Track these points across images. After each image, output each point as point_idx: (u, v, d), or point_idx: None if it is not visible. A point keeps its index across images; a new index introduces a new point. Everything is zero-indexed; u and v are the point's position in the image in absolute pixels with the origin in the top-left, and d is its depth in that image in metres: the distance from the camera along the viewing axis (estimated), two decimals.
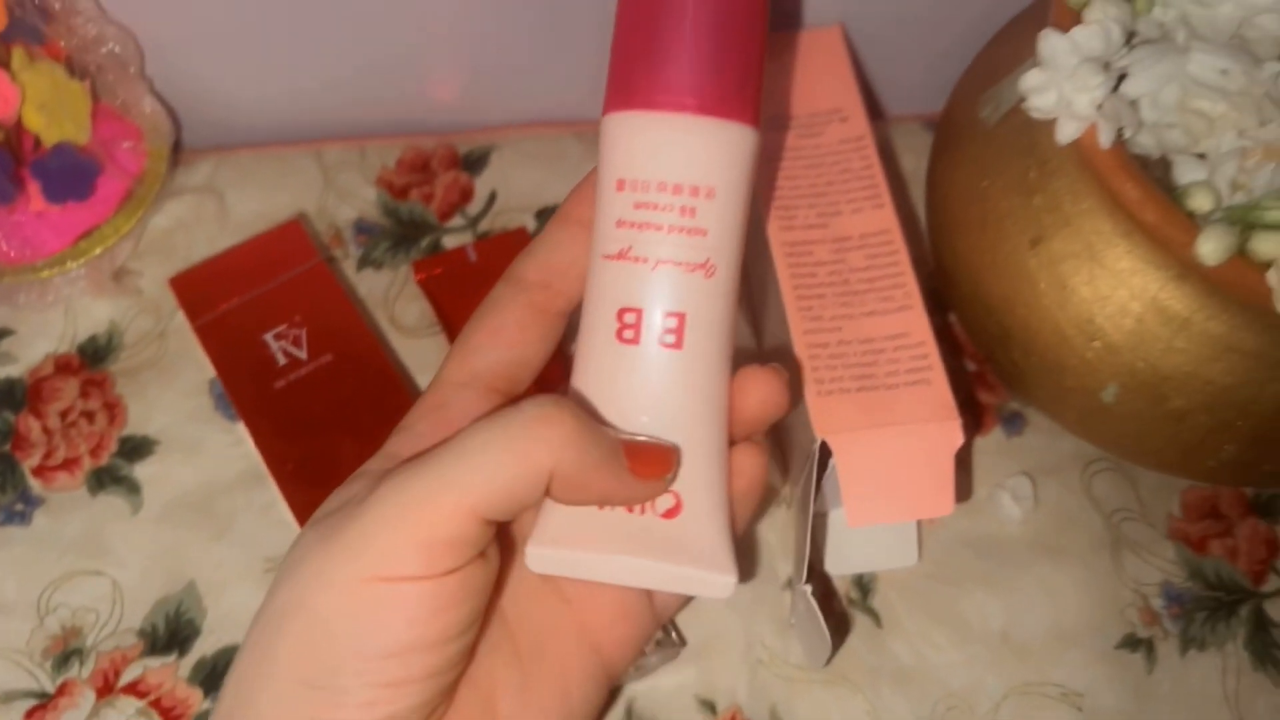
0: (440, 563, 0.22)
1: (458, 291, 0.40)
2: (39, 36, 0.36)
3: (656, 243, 0.25)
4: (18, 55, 0.36)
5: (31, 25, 0.36)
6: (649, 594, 0.28)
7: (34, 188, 0.36)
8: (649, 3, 0.25)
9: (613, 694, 0.34)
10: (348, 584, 0.22)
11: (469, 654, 0.24)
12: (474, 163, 0.45)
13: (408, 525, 0.22)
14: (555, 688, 0.26)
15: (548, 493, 0.23)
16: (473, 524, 0.22)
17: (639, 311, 0.25)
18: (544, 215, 0.44)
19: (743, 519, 0.27)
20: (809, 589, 0.31)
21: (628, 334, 0.25)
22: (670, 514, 0.25)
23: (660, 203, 0.25)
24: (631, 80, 0.26)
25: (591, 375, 0.26)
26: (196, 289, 0.38)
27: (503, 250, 0.41)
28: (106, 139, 0.38)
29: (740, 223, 0.26)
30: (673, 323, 0.25)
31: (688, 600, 0.30)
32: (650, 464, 0.24)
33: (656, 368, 0.25)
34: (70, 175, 0.36)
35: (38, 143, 0.37)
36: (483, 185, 0.44)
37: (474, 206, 0.44)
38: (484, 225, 0.43)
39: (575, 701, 0.26)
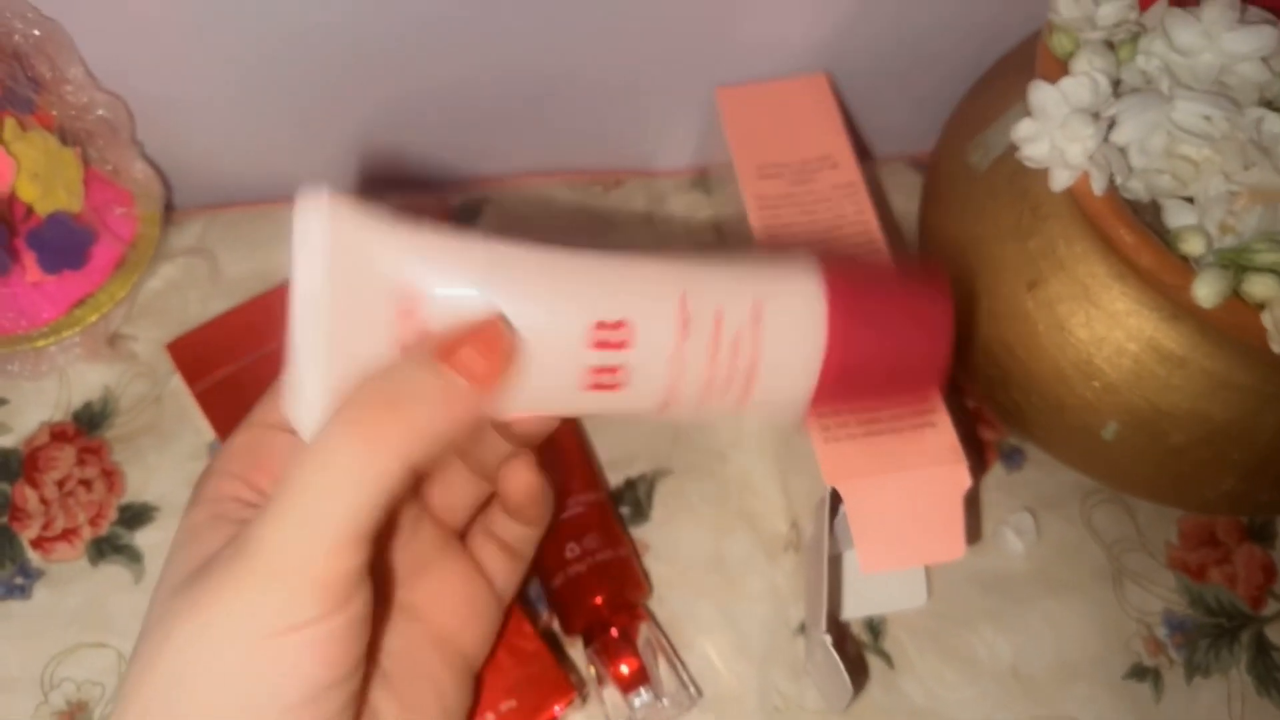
0: (337, 599, 0.22)
1: None
2: (30, 106, 0.36)
3: None
4: (10, 126, 0.35)
5: (24, 96, 0.35)
6: (489, 584, 0.29)
7: (29, 258, 0.36)
8: None
9: None
10: (254, 640, 0.21)
11: (365, 685, 0.25)
12: (467, 214, 0.45)
13: (302, 570, 0.21)
14: (434, 705, 0.27)
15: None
16: (360, 550, 0.22)
17: None
18: None
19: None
20: (828, 638, 0.31)
21: None
22: None
23: None
24: None
25: None
26: (194, 354, 0.37)
27: None
28: (99, 205, 0.38)
29: None
30: None
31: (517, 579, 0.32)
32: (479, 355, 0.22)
33: None
34: (65, 245, 0.36)
35: (29, 211, 0.37)
36: None
37: None
38: None
39: (451, 706, 0.28)
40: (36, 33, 0.36)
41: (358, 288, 0.22)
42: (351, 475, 0.21)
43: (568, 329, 0.23)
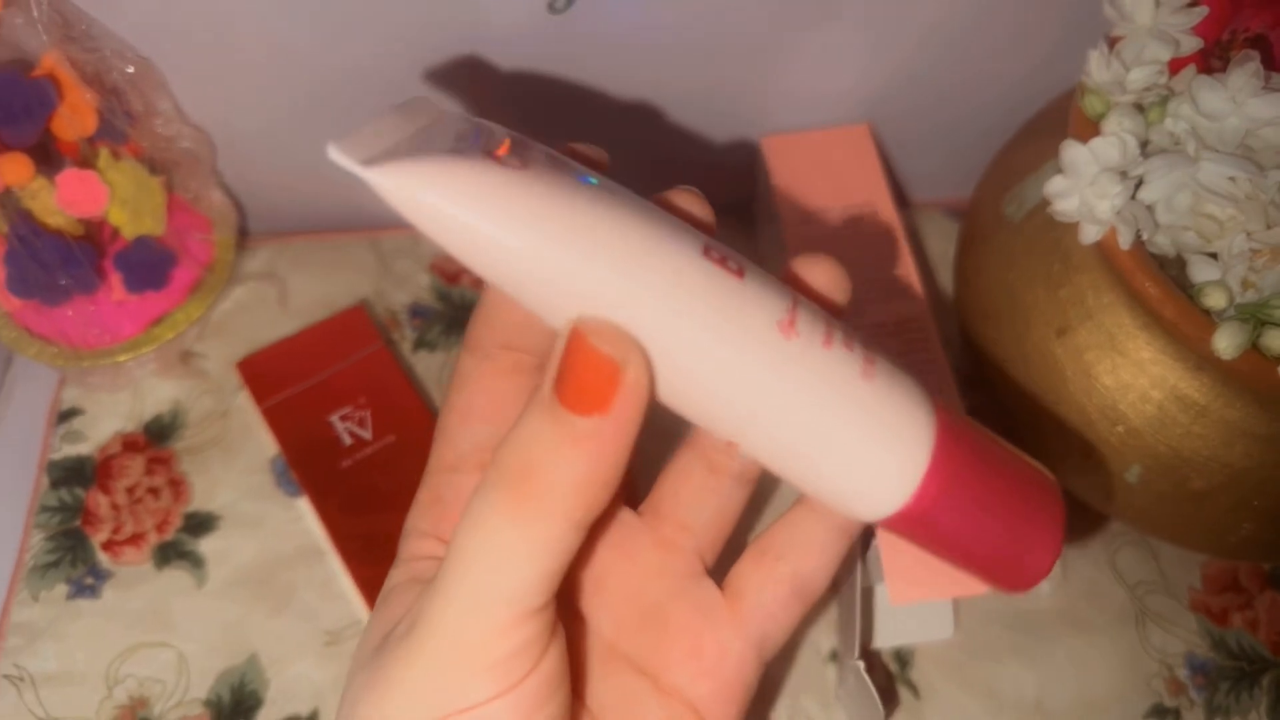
0: (511, 676, 0.20)
1: None
2: (123, 137, 0.39)
3: None
4: (103, 155, 0.38)
5: (118, 128, 0.38)
6: (746, 636, 0.25)
7: (115, 279, 0.39)
8: None
9: None
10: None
11: None
12: None
13: (473, 653, 0.20)
14: None
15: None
16: (530, 622, 0.20)
17: None
18: None
19: None
20: (861, 664, 0.32)
21: None
22: None
23: None
24: None
25: None
26: (263, 372, 0.40)
27: None
28: (180, 230, 0.41)
29: None
30: None
31: None
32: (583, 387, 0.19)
33: None
34: (149, 267, 0.39)
35: (115, 233, 0.40)
36: None
37: None
38: None
39: None
40: (132, 70, 0.38)
41: None
42: (514, 550, 0.20)
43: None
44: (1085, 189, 0.32)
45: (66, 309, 0.39)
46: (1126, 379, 0.33)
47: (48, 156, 0.38)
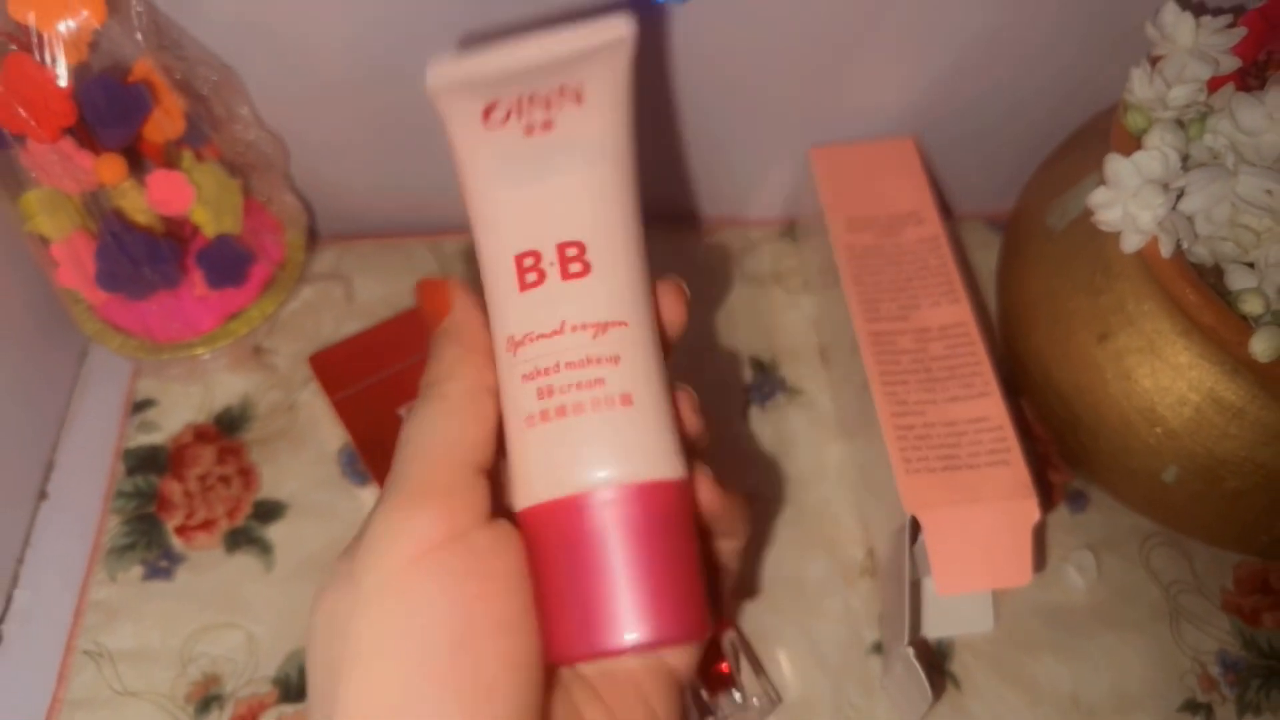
0: (460, 519, 0.24)
1: None
2: (204, 140, 0.41)
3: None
4: (187, 157, 0.40)
5: (202, 132, 0.40)
6: (668, 670, 0.27)
7: (196, 275, 0.41)
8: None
9: None
10: (398, 566, 0.23)
11: (565, 689, 0.26)
12: None
13: (415, 493, 0.24)
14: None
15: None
16: (461, 471, 0.24)
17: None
18: None
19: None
20: (911, 650, 0.34)
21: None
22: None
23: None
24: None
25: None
26: (334, 367, 0.42)
27: None
28: (255, 229, 0.43)
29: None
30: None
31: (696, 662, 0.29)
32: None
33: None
34: (229, 264, 0.41)
35: (195, 231, 0.42)
36: None
37: None
38: None
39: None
40: (215, 78, 0.41)
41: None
42: (434, 417, 0.26)
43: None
44: (1128, 200, 0.34)
45: (150, 303, 0.41)
46: (1165, 382, 0.35)
47: (133, 157, 0.40)
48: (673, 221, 0.50)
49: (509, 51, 0.24)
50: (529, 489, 0.25)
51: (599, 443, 0.24)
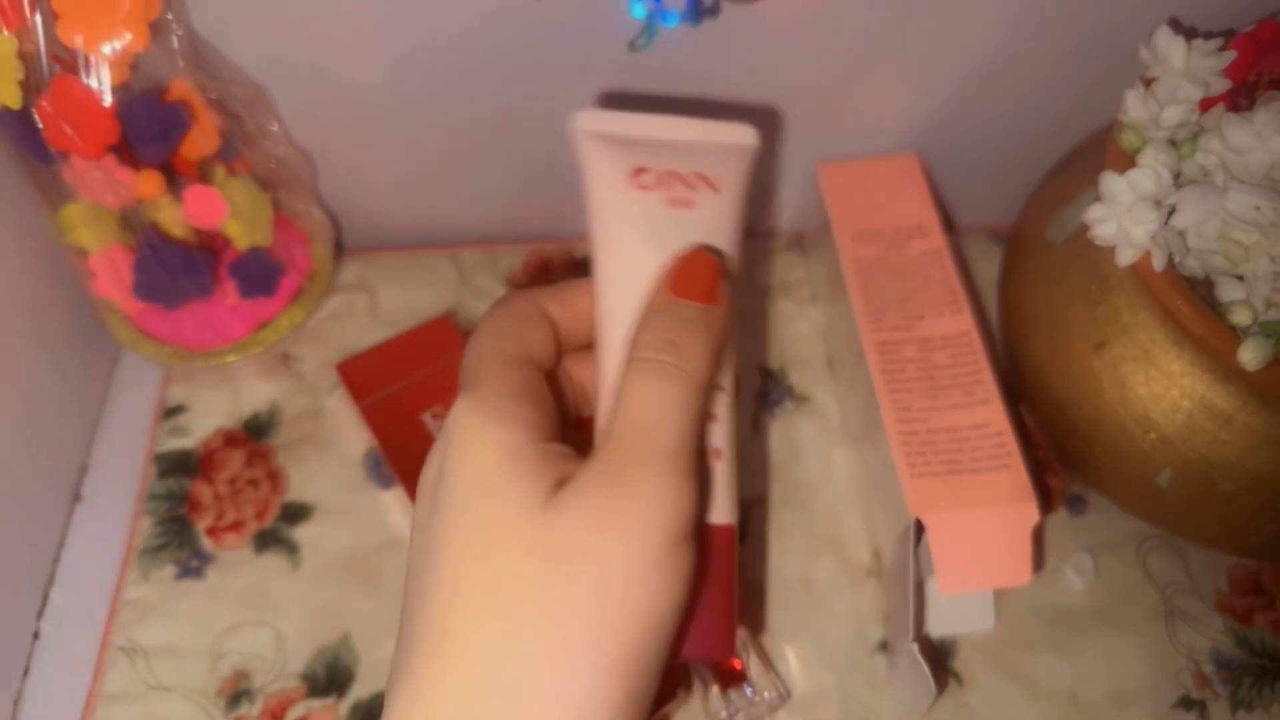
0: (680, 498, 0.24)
1: None
2: (236, 155, 0.43)
3: None
4: (219, 172, 0.42)
5: (234, 147, 0.42)
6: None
7: (229, 285, 0.42)
8: None
9: None
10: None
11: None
12: (589, 265, 0.50)
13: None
14: None
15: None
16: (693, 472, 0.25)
17: None
18: None
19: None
20: (915, 646, 0.35)
21: None
22: None
23: None
24: None
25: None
26: (360, 374, 0.43)
27: None
28: (284, 242, 0.44)
29: None
30: None
31: None
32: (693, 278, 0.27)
33: None
34: (260, 275, 0.42)
35: (226, 243, 0.43)
36: None
37: None
38: None
39: None
40: (247, 97, 0.42)
41: None
42: (674, 401, 0.25)
43: None
44: (1122, 216, 0.36)
45: (184, 312, 0.42)
46: (1159, 389, 0.36)
47: (169, 173, 0.41)
48: None
49: (655, 123, 0.28)
50: None
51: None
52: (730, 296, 0.27)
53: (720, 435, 0.27)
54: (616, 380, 0.26)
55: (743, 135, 0.29)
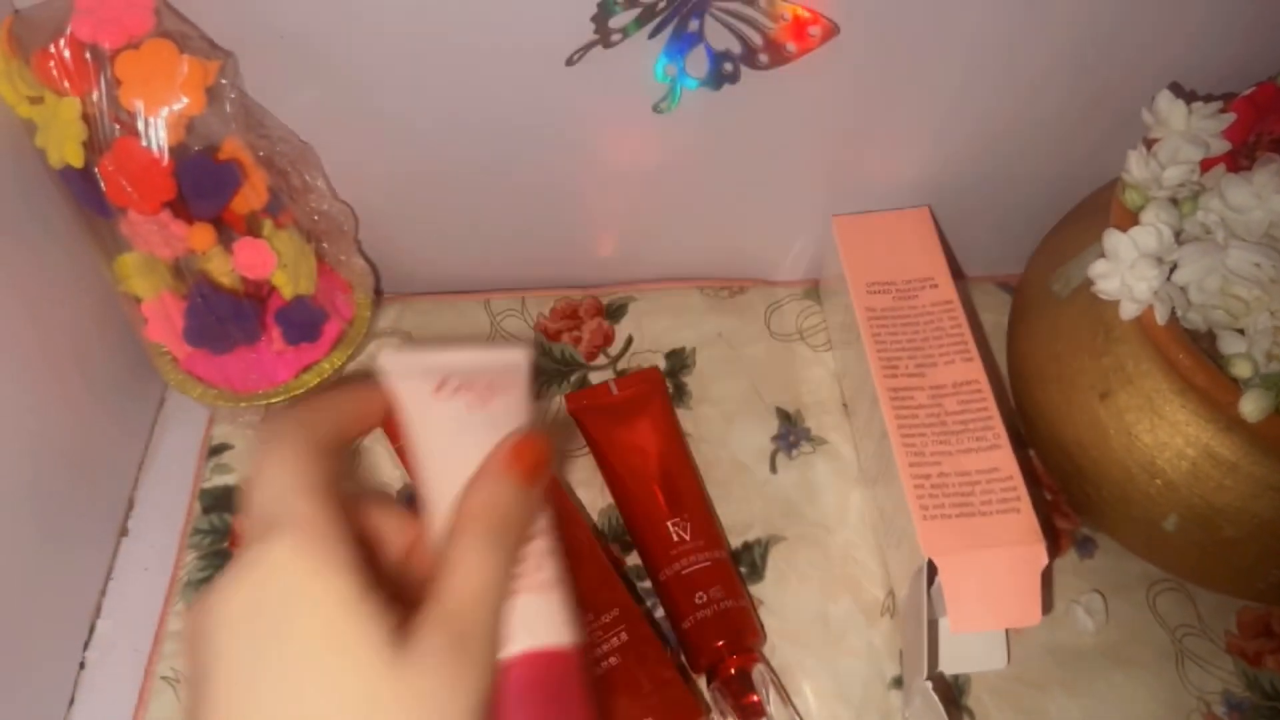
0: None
1: (602, 419, 0.47)
2: (282, 208, 0.45)
3: None
4: (267, 225, 0.44)
5: (281, 201, 0.44)
6: None
7: (275, 332, 0.45)
8: None
9: None
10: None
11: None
12: (615, 312, 0.53)
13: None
14: None
15: None
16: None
17: None
18: (673, 356, 0.51)
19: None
20: (930, 685, 0.37)
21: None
22: None
23: None
24: None
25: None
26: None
27: (638, 385, 0.48)
28: (327, 290, 0.47)
29: None
30: None
31: None
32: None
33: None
34: (305, 323, 0.45)
35: (271, 291, 0.46)
36: (622, 331, 0.52)
37: (615, 348, 0.52)
38: (623, 364, 0.51)
39: None
40: (294, 154, 0.45)
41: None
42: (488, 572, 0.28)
43: None
44: (1126, 272, 0.37)
45: (231, 357, 0.45)
46: (1164, 437, 0.38)
47: (218, 225, 0.44)
48: (706, 282, 0.54)
49: (446, 355, 0.33)
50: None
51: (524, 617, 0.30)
52: (547, 477, 0.31)
53: (549, 570, 0.31)
54: (443, 543, 0.28)
55: (516, 356, 0.35)
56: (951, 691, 0.42)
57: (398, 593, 0.26)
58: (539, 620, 0.30)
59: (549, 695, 0.29)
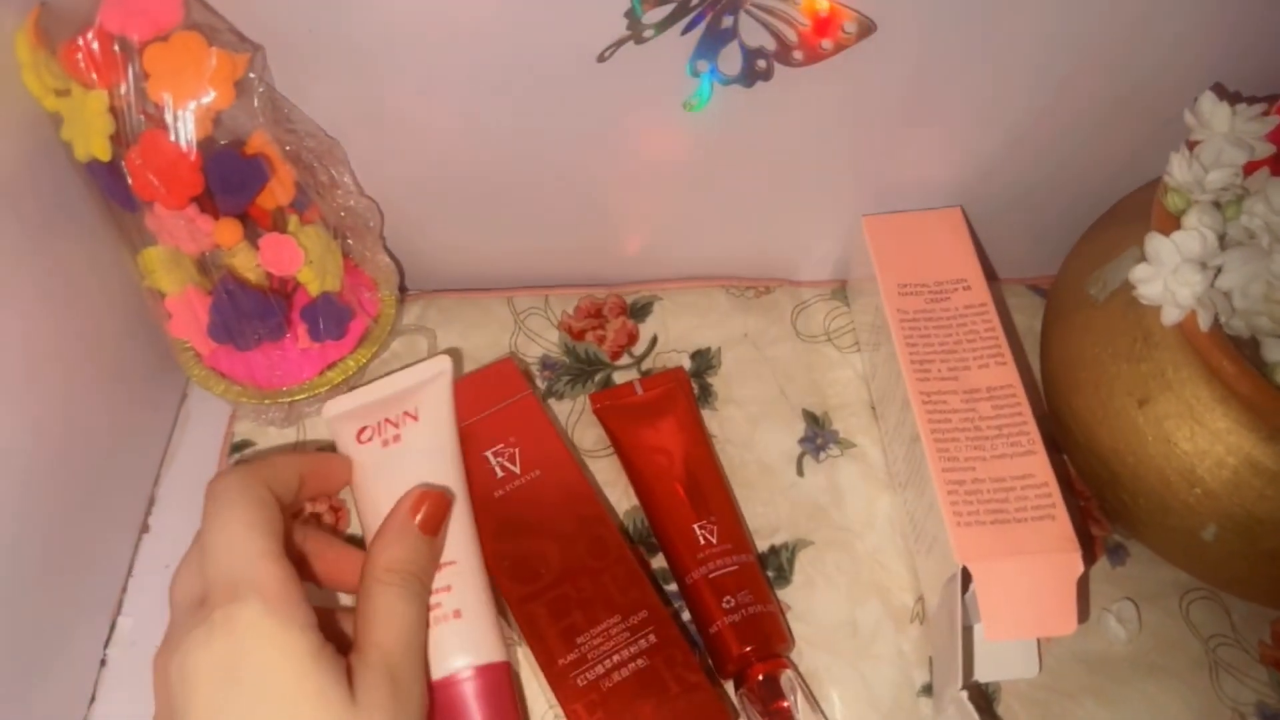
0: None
1: (627, 419, 0.47)
2: (308, 204, 0.45)
3: None
4: (293, 220, 0.44)
5: (307, 197, 0.44)
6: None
7: (301, 329, 0.44)
8: None
9: None
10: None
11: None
12: (639, 311, 0.52)
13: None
14: None
15: None
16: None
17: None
18: (698, 356, 0.51)
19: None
20: (964, 694, 0.36)
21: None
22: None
23: None
24: None
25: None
26: None
27: (663, 385, 0.48)
28: (353, 286, 0.46)
29: None
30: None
31: None
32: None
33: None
34: (331, 320, 0.44)
35: (296, 287, 0.45)
36: (646, 330, 0.52)
37: (639, 348, 0.51)
38: (647, 364, 0.51)
39: None
40: (321, 149, 0.44)
41: None
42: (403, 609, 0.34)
43: None
44: (1168, 277, 0.37)
45: (255, 353, 0.44)
46: (1204, 445, 0.37)
47: (244, 220, 0.43)
48: (732, 282, 0.53)
49: (376, 387, 0.40)
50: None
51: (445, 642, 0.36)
52: (448, 518, 0.38)
53: (459, 599, 0.36)
54: (363, 595, 0.34)
55: (440, 365, 0.41)
56: (982, 700, 0.42)
57: (326, 621, 0.33)
58: (470, 642, 0.36)
59: (487, 704, 0.35)
